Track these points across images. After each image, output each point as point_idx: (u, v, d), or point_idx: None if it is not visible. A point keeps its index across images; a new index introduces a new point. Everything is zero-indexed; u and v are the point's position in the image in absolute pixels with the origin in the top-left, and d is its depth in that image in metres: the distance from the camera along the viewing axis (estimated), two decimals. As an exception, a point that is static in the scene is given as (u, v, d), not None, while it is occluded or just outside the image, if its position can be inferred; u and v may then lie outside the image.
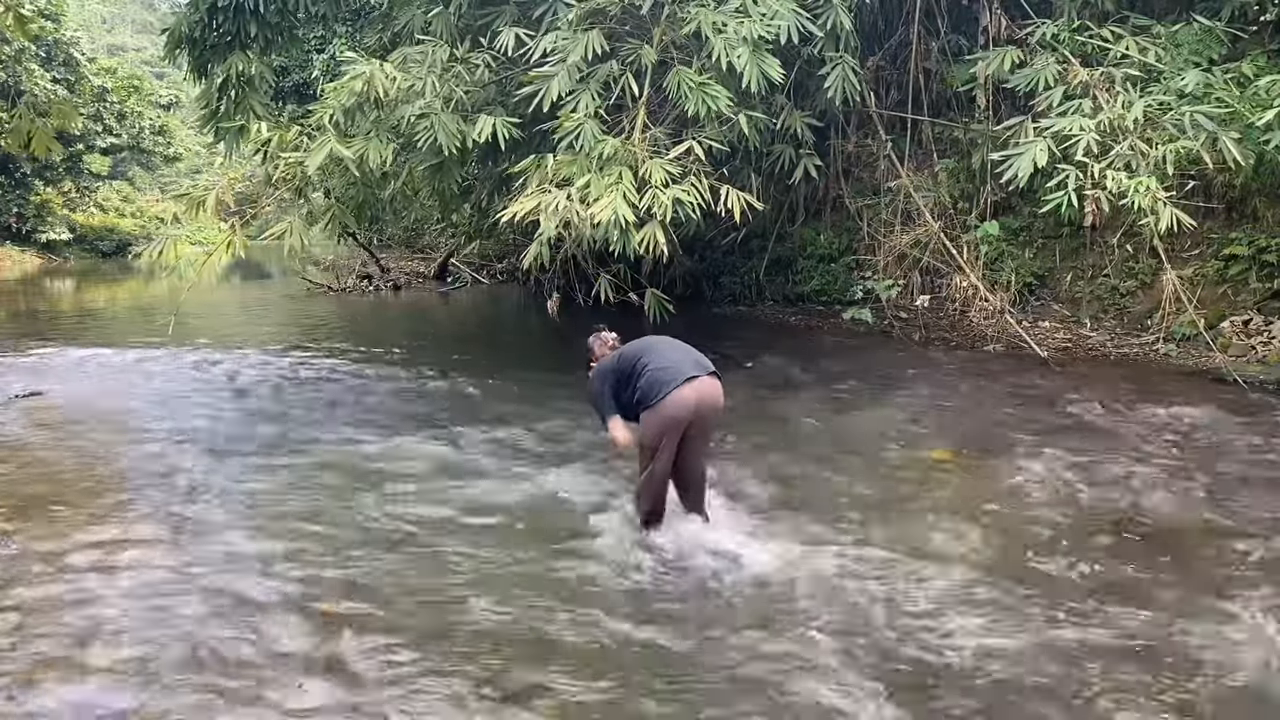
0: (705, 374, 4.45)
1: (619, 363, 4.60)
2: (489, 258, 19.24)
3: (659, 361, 4.47)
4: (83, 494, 5.52)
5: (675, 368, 4.42)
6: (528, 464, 5.94)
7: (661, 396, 4.34)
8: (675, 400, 4.33)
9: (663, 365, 4.44)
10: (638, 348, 4.64)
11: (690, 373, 4.40)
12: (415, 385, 8.56)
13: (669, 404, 4.33)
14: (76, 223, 32.49)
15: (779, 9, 7.49)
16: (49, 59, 27.69)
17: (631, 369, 4.50)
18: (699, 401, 4.39)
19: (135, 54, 58.52)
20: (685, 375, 4.38)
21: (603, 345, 4.94)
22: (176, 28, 9.52)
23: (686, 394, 4.35)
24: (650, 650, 3.59)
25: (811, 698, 3.21)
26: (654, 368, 4.44)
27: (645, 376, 4.43)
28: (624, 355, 4.63)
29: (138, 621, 3.81)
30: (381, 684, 3.33)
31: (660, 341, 4.70)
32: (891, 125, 11.00)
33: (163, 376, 9.18)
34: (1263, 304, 8.53)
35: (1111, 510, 4.95)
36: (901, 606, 3.86)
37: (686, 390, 4.35)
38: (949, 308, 10.46)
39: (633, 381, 4.48)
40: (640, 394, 4.43)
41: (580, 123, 7.13)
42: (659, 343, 4.69)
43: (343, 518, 5.02)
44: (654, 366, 4.44)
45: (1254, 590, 3.91)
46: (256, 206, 9.71)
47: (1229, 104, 7.17)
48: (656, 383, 4.38)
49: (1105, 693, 3.21)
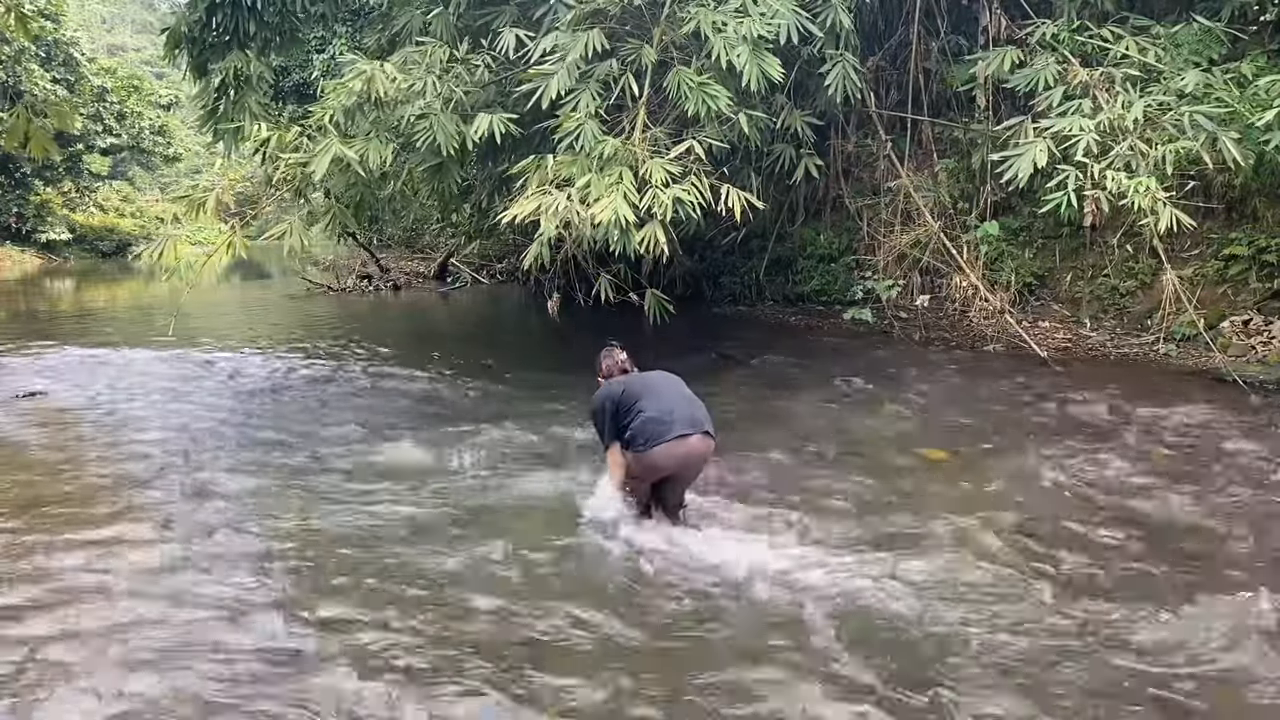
0: (698, 433, 4.53)
1: (622, 396, 4.67)
2: (489, 258, 19.25)
3: (655, 408, 4.55)
4: (82, 494, 5.52)
5: (668, 422, 4.50)
6: (528, 464, 5.94)
7: (649, 447, 4.47)
8: (662, 453, 4.47)
9: (656, 416, 4.52)
10: (640, 387, 4.70)
11: (681, 431, 4.49)
12: (415, 385, 8.56)
13: (656, 455, 4.48)
14: (76, 223, 32.51)
15: (779, 8, 7.49)
16: (49, 59, 27.70)
17: (631, 407, 4.60)
18: (686, 456, 4.53)
19: (135, 54, 58.57)
20: (676, 433, 4.48)
21: (612, 364, 5.00)
22: (176, 27, 9.52)
23: (675, 450, 4.48)
24: (652, 650, 3.58)
25: (809, 698, 3.21)
26: (648, 416, 4.52)
27: (639, 419, 4.54)
28: (628, 390, 4.69)
29: (137, 621, 3.81)
30: (382, 684, 3.33)
31: (664, 384, 4.75)
32: (891, 125, 11.01)
33: (163, 376, 9.18)
34: (1263, 304, 8.53)
35: (1111, 510, 4.95)
36: (900, 605, 3.86)
37: (675, 447, 4.48)
38: (949, 308, 10.46)
39: (628, 418, 4.58)
40: (631, 435, 4.55)
41: (580, 123, 7.13)
42: (662, 386, 4.73)
43: (343, 517, 5.02)
44: (649, 415, 4.53)
45: (1253, 590, 3.90)
46: (256, 207, 9.71)
47: (1229, 104, 7.17)
48: (647, 433, 4.49)
49: (1104, 693, 3.22)
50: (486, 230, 14.07)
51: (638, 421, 4.52)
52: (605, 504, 4.83)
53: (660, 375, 4.85)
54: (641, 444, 4.49)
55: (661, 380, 4.79)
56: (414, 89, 7.50)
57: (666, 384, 4.76)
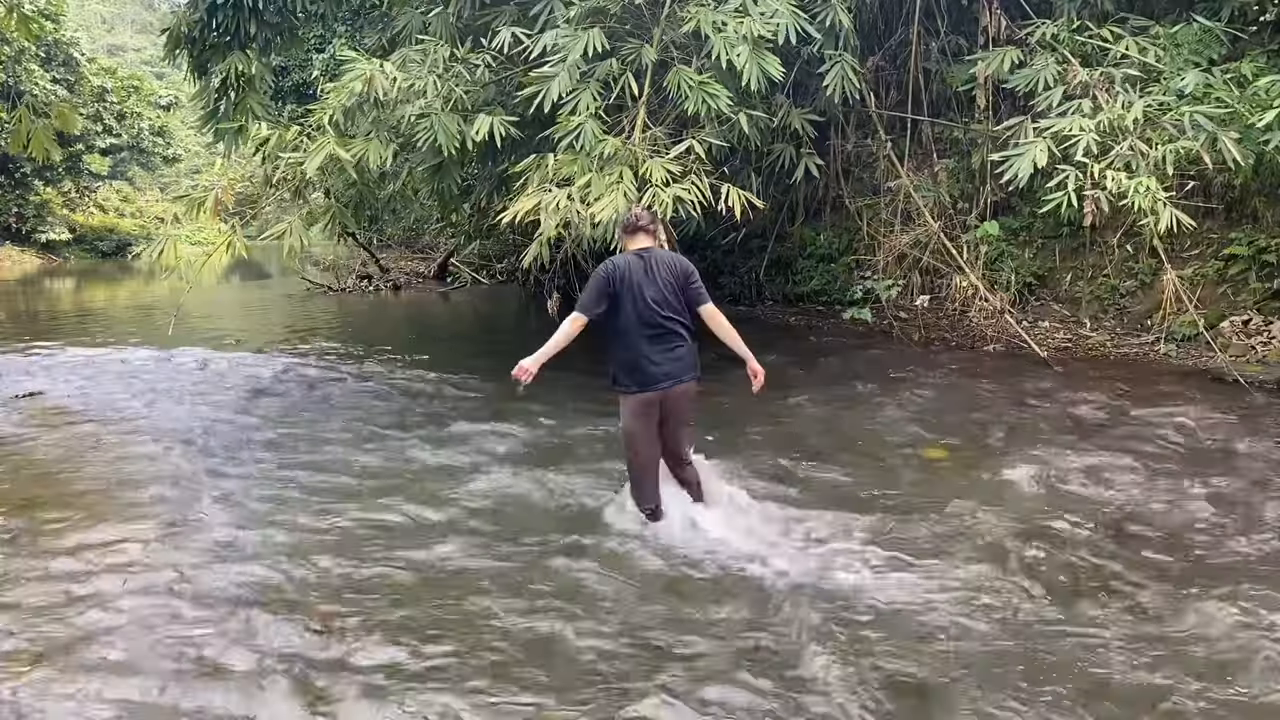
0: (675, 385, 4.56)
1: (608, 278, 4.52)
2: (489, 258, 19.25)
3: (633, 342, 4.50)
4: (82, 494, 5.52)
5: (649, 369, 4.51)
6: (528, 463, 5.93)
7: (636, 388, 4.55)
8: (646, 398, 4.56)
9: (637, 357, 4.50)
10: (626, 281, 4.52)
11: (672, 374, 4.54)
12: (415, 385, 8.56)
13: (641, 401, 4.56)
14: (76, 223, 32.54)
15: (778, 7, 7.49)
16: (49, 59, 27.74)
17: (616, 301, 4.52)
18: (662, 398, 4.58)
19: (135, 54, 58.59)
20: (655, 384, 4.52)
21: (628, 222, 4.81)
22: (176, 27, 9.52)
23: (651, 398, 4.56)
24: (651, 650, 3.58)
25: (806, 699, 3.21)
26: (629, 349, 4.51)
27: (621, 341, 4.53)
28: (614, 274, 4.53)
29: (136, 621, 3.81)
30: (382, 684, 3.33)
31: (649, 295, 4.53)
32: (891, 125, 11.00)
33: (163, 376, 9.19)
34: (1263, 304, 8.53)
35: (1110, 509, 4.95)
36: (898, 606, 3.86)
37: (656, 394, 4.55)
38: (949, 308, 10.45)
39: (613, 315, 4.53)
40: (614, 361, 4.60)
41: (580, 122, 7.14)
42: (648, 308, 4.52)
43: (343, 517, 5.02)
44: (628, 347, 4.51)
45: (1254, 589, 3.90)
46: (256, 207, 9.71)
47: (1228, 104, 7.16)
48: (629, 369, 4.54)
49: (1102, 692, 3.22)
50: (486, 230, 14.06)
51: (618, 346, 4.55)
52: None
53: (644, 275, 4.57)
54: (622, 386, 4.60)
55: (648, 286, 4.55)
56: (415, 88, 7.50)
57: (650, 295, 4.55)
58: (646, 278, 4.56)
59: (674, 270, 4.67)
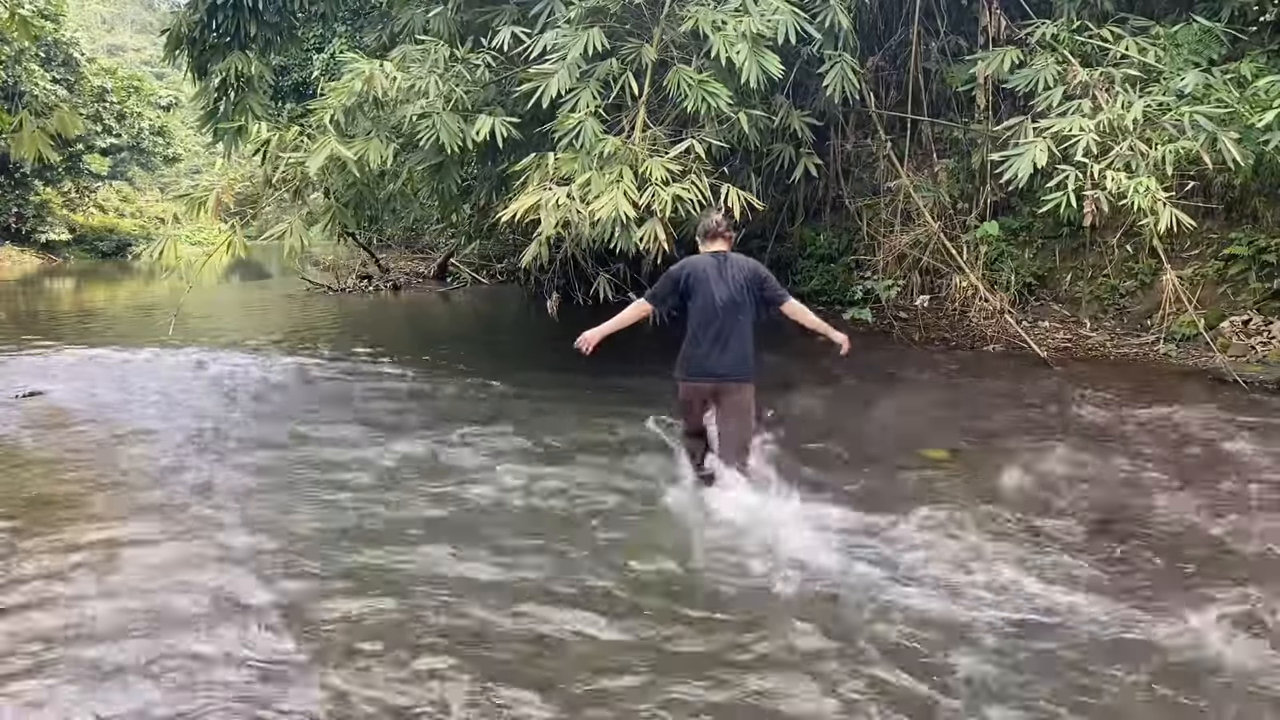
0: (731, 379, 4.95)
1: (681, 277, 5.01)
2: (489, 258, 19.25)
3: (703, 334, 4.94)
4: (82, 494, 5.52)
5: (701, 362, 4.97)
6: (528, 463, 5.93)
7: (684, 377, 5.04)
8: (693, 386, 5.05)
9: (695, 350, 4.98)
10: (697, 289, 4.97)
11: (716, 370, 4.93)
12: (415, 385, 8.56)
13: (688, 388, 5.07)
14: (76, 223, 32.55)
15: (778, 5, 7.49)
16: (49, 59, 27.74)
17: (688, 298, 5.01)
18: (713, 390, 5.02)
19: (135, 54, 58.63)
20: (700, 377, 4.96)
21: (707, 228, 5.17)
22: (176, 28, 9.53)
23: (703, 387, 5.02)
24: (652, 650, 3.58)
25: (804, 700, 3.21)
26: (691, 343, 4.98)
27: (689, 335, 4.98)
28: (686, 273, 5.01)
29: (136, 621, 3.81)
30: (382, 685, 3.33)
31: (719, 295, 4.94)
32: (891, 125, 11.00)
33: (163, 376, 9.18)
34: (1263, 304, 8.54)
35: (1110, 509, 4.95)
36: (898, 604, 3.86)
37: (704, 385, 5.00)
38: (949, 308, 10.46)
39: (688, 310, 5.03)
40: (682, 352, 5.06)
41: (580, 120, 7.14)
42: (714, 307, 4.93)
43: (343, 517, 5.02)
44: (692, 341, 4.98)
45: (1254, 590, 3.90)
46: (256, 207, 9.72)
47: (1228, 104, 7.17)
48: (684, 359, 5.02)
49: (1099, 692, 3.22)
50: (486, 230, 14.06)
51: (687, 342, 5.00)
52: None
53: (714, 285, 4.96)
54: (680, 372, 5.07)
55: (717, 291, 4.95)
56: (415, 88, 7.51)
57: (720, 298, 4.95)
58: (720, 279, 4.94)
59: (747, 273, 5.04)
